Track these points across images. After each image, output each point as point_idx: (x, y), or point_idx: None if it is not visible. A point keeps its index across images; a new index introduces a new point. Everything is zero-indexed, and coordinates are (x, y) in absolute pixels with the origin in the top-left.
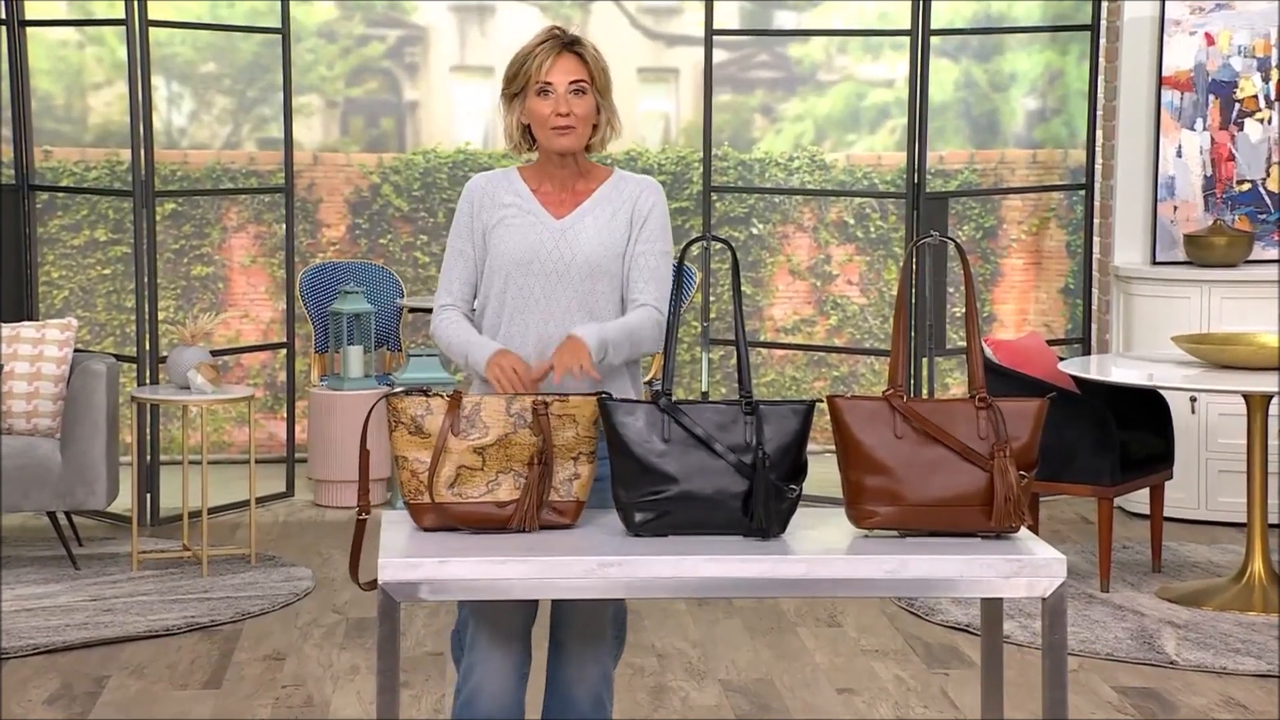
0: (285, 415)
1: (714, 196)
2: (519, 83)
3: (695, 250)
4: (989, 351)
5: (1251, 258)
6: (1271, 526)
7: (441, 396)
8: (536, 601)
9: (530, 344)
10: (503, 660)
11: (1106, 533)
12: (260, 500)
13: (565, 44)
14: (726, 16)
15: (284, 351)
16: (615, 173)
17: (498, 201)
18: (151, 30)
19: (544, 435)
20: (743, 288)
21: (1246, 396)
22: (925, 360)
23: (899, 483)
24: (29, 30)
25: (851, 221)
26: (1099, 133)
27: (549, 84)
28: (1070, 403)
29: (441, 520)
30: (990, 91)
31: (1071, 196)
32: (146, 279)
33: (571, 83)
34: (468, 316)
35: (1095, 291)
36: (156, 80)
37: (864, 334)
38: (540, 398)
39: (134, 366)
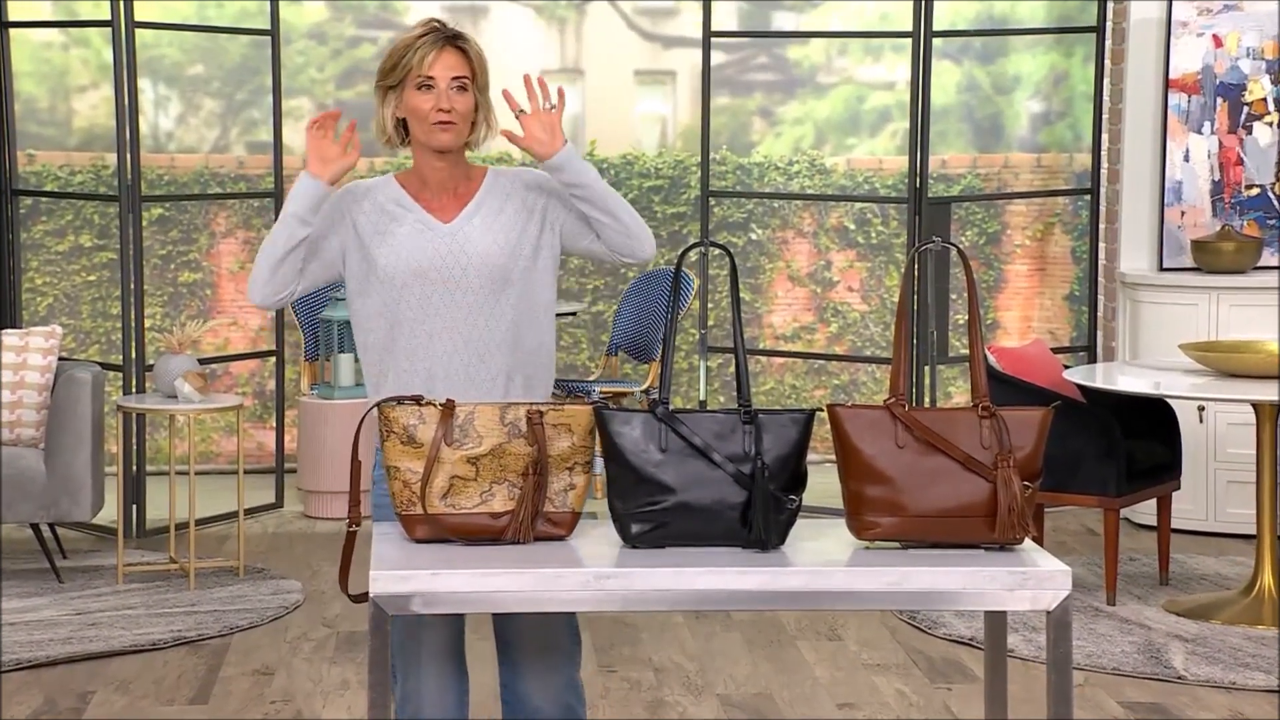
0: (274, 425)
1: (712, 201)
2: (397, 75)
3: (693, 256)
4: (992, 359)
5: (1260, 264)
6: None
7: (434, 405)
8: (462, 615)
9: (436, 359)
10: (437, 680)
11: (1112, 544)
12: (249, 511)
13: (448, 38)
14: (724, 18)
15: (273, 359)
16: (490, 169)
17: (378, 207)
18: (138, 31)
19: (539, 445)
20: (741, 294)
21: (1255, 405)
22: (927, 368)
23: (900, 493)
24: (12, 31)
25: (852, 227)
26: (1104, 136)
27: (431, 79)
28: (1075, 412)
29: (434, 532)
30: (993, 94)
31: (1077, 201)
32: (133, 285)
33: (454, 78)
34: None
35: (1101, 298)
36: (143, 83)
37: (865, 341)
38: (535, 407)
39: (119, 375)
